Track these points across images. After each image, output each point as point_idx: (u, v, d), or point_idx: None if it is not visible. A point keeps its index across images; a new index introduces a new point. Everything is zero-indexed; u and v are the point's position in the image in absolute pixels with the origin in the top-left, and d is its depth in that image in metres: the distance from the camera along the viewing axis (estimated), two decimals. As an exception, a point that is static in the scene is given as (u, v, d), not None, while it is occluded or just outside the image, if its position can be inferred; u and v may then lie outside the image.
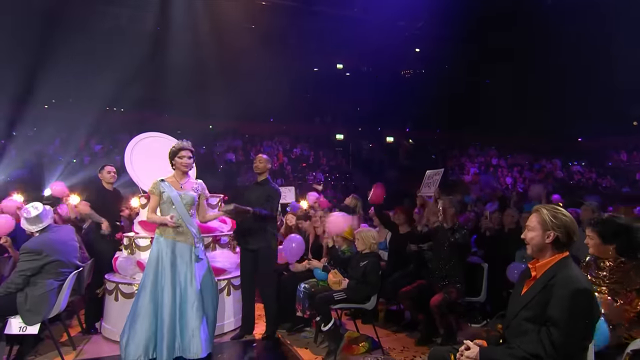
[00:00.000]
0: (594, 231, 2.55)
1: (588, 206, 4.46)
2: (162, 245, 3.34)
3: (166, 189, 3.38)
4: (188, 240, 3.39)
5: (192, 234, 3.40)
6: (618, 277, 2.50)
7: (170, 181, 3.45)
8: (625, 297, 2.46)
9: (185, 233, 3.39)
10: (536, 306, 1.89)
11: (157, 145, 4.95)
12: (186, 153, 3.45)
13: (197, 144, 14.57)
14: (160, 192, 3.39)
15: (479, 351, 1.97)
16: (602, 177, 16.34)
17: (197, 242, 3.43)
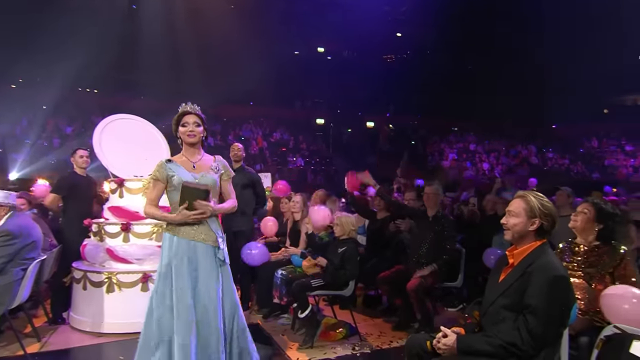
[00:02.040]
0: (592, 206, 2.52)
1: (563, 191, 4.50)
2: (175, 248, 2.43)
3: (176, 170, 2.48)
4: (209, 238, 2.49)
5: (213, 230, 2.51)
6: (592, 262, 2.51)
7: (180, 161, 2.55)
8: (600, 280, 2.46)
9: (205, 229, 2.49)
10: (514, 294, 1.85)
11: (129, 127, 4.73)
12: (191, 118, 2.54)
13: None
14: (167, 176, 2.48)
15: (457, 339, 1.92)
16: (574, 163, 16.78)
17: (221, 241, 2.54)
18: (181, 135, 2.56)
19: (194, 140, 2.55)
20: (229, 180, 2.69)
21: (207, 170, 2.56)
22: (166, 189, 2.53)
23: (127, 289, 3.86)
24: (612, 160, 16.91)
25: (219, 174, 2.60)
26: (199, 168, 2.56)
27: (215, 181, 2.55)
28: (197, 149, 2.61)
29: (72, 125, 13.06)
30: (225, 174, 2.66)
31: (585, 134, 19.40)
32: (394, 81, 18.34)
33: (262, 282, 4.37)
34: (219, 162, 2.65)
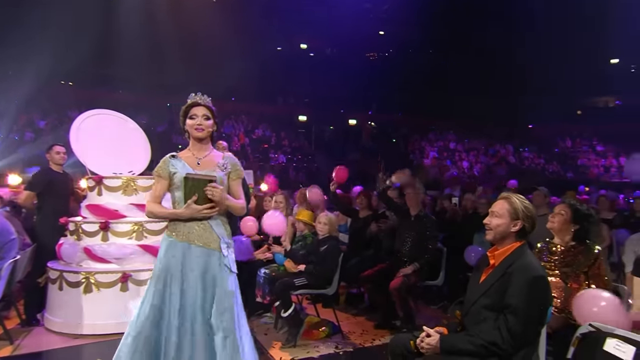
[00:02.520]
0: (568, 207, 2.60)
1: (540, 191, 4.62)
2: (173, 252, 2.23)
3: (178, 167, 2.28)
4: (212, 243, 2.26)
5: (217, 235, 2.28)
6: (568, 261, 2.59)
7: (185, 157, 2.34)
8: (575, 279, 2.55)
9: (207, 233, 2.27)
10: (494, 294, 1.90)
11: (108, 123, 4.61)
12: (200, 110, 2.30)
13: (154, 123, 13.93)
14: (170, 173, 2.29)
15: (439, 338, 1.95)
16: (549, 163, 17.28)
17: (226, 247, 2.29)
18: (188, 129, 2.33)
19: (201, 135, 2.31)
20: (238, 181, 2.40)
21: (212, 168, 2.31)
22: (169, 187, 2.34)
23: (105, 289, 3.77)
24: (585, 160, 17.51)
25: (226, 172, 2.33)
26: (204, 165, 2.32)
27: (221, 179, 2.28)
28: (205, 144, 2.37)
29: (46, 119, 12.62)
30: (235, 173, 2.37)
31: (560, 134, 20.01)
32: (376, 79, 18.44)
33: (244, 281, 4.33)
34: (228, 160, 2.37)
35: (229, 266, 2.27)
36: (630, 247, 3.39)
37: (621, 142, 18.34)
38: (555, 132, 20.12)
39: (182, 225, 2.25)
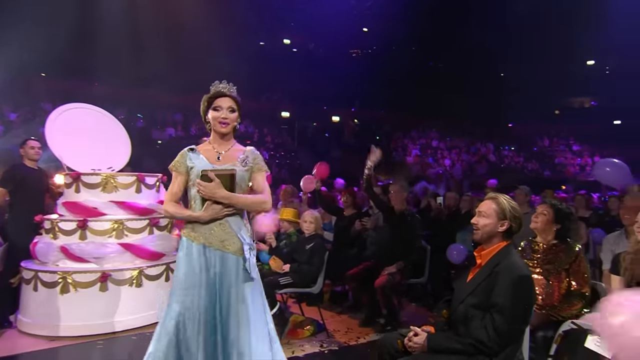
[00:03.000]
0: (550, 207, 2.67)
1: (522, 190, 4.73)
2: (194, 255, 2.06)
3: (196, 162, 2.11)
4: (232, 246, 2.06)
5: (239, 238, 2.08)
6: (550, 259, 2.66)
7: (204, 150, 2.16)
8: (556, 276, 2.62)
9: (227, 234, 2.07)
10: (481, 293, 1.93)
11: (86, 117, 4.48)
12: (226, 102, 2.12)
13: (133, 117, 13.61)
14: (187, 167, 2.12)
15: (427, 337, 1.98)
16: (528, 161, 17.71)
17: (248, 249, 2.10)
18: (211, 121, 2.14)
19: (225, 130, 2.12)
20: (260, 174, 2.20)
21: (233, 163, 2.13)
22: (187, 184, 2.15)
23: (83, 290, 3.67)
24: (562, 159, 18.05)
25: (247, 168, 2.15)
26: (224, 160, 2.14)
27: (243, 177, 2.12)
28: (227, 138, 2.18)
29: (18, 111, 12.16)
30: (257, 167, 2.19)
31: (538, 134, 20.54)
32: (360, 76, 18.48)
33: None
34: (250, 154, 2.19)
35: (249, 271, 2.06)
36: (607, 245, 3.50)
37: (596, 142, 18.97)
38: (534, 132, 20.65)
39: (200, 226, 2.07)
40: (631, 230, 3.26)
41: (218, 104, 2.12)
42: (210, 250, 2.06)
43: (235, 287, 2.05)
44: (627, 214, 3.27)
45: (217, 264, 2.05)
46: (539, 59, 17.85)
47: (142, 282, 3.86)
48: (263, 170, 2.22)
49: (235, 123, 2.17)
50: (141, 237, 3.97)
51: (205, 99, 2.17)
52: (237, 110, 2.16)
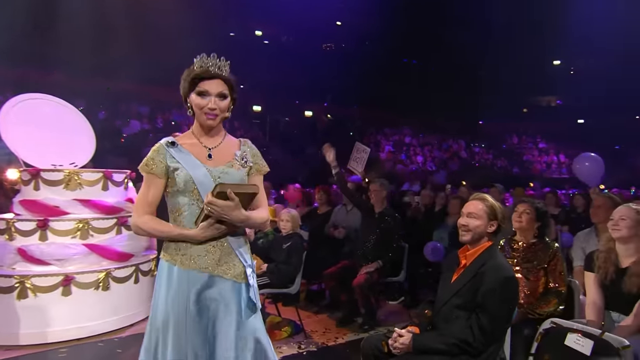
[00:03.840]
0: (531, 206, 2.76)
1: (496, 188, 4.89)
2: (176, 284, 1.61)
3: (182, 160, 1.64)
4: (232, 270, 1.66)
5: (239, 256, 1.68)
6: (529, 257, 2.76)
7: (189, 144, 1.70)
8: (535, 275, 2.71)
9: (224, 254, 1.65)
10: (467, 293, 1.97)
11: (45, 109, 4.25)
12: (215, 86, 1.66)
13: (95, 108, 13.03)
14: (168, 168, 1.65)
15: (412, 338, 2.00)
16: (497, 158, 18.33)
17: (251, 273, 1.70)
18: (195, 108, 1.67)
19: (213, 124, 1.68)
20: (259, 178, 1.79)
21: (229, 162, 1.69)
22: (165, 190, 1.67)
23: (44, 294, 3.49)
24: (529, 157, 18.82)
25: (246, 168, 1.73)
26: (217, 158, 1.69)
27: (242, 181, 1.70)
28: (217, 129, 1.74)
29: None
30: (256, 168, 1.77)
31: (507, 131, 21.29)
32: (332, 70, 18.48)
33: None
34: (248, 150, 1.77)
35: (254, 300, 1.67)
36: (578, 243, 3.66)
37: (561, 140, 19.89)
38: (503, 129, 21.38)
39: (189, 246, 1.61)
40: (600, 228, 3.44)
41: (204, 88, 1.65)
42: (203, 278, 1.60)
43: (242, 326, 1.61)
44: (596, 212, 3.44)
45: (213, 294, 1.60)
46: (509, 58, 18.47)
47: (109, 285, 3.71)
48: (262, 173, 1.80)
49: (227, 114, 1.70)
50: (108, 238, 3.81)
51: (186, 77, 1.68)
52: (229, 95, 1.69)
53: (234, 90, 1.73)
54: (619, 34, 15.02)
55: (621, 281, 2.27)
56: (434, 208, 5.42)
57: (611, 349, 1.81)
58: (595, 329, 1.95)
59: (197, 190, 1.62)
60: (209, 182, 1.62)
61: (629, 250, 2.28)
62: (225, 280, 1.64)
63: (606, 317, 2.34)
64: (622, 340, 1.82)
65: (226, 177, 1.66)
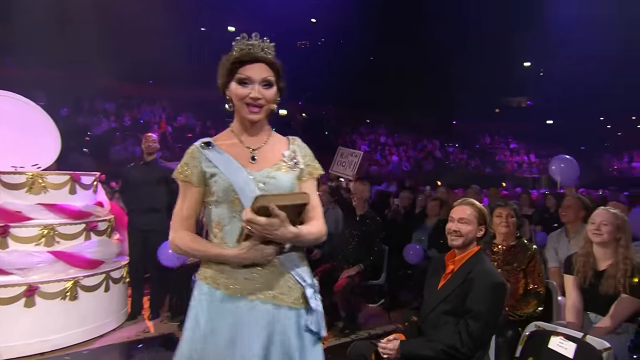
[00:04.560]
0: (512, 209, 2.84)
1: (473, 189, 5.00)
2: (221, 312, 1.36)
3: (220, 165, 1.40)
4: (289, 294, 1.39)
5: (294, 276, 1.41)
6: (509, 260, 2.83)
7: (230, 145, 1.46)
8: (514, 277, 2.79)
9: (280, 279, 1.39)
10: (455, 299, 2.00)
11: (5, 106, 4.01)
12: (259, 71, 1.41)
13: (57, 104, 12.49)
14: (205, 174, 1.42)
15: (400, 344, 2.01)
16: (471, 158, 18.81)
17: (312, 294, 1.43)
18: (235, 100, 1.42)
19: (256, 118, 1.41)
20: (311, 183, 1.51)
21: (276, 164, 1.44)
22: (204, 200, 1.43)
23: (4, 307, 3.31)
24: (501, 156, 19.43)
25: (296, 171, 1.47)
26: (262, 160, 1.44)
27: (291, 186, 1.43)
28: (260, 125, 1.47)
29: None
30: (308, 170, 1.50)
31: (480, 131, 21.90)
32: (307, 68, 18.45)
33: (177, 287, 4.13)
34: (298, 149, 1.51)
35: (316, 330, 1.40)
36: (551, 243, 3.78)
37: (532, 140, 20.64)
38: (476, 129, 21.98)
39: (232, 268, 1.36)
40: (570, 228, 3.59)
41: (245, 75, 1.39)
42: (252, 305, 1.34)
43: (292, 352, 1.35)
44: (566, 212, 3.57)
45: (263, 323, 1.33)
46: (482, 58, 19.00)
47: (77, 294, 3.56)
48: (316, 175, 1.52)
49: (273, 105, 1.44)
50: (76, 244, 3.65)
51: (224, 62, 1.43)
52: (275, 82, 1.43)
53: (280, 78, 1.44)
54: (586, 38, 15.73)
55: (599, 283, 2.36)
56: (413, 210, 5.49)
57: (593, 352, 1.87)
58: (577, 332, 2.02)
59: (238, 200, 1.35)
60: (252, 189, 1.36)
61: (606, 253, 2.37)
62: (279, 307, 1.36)
63: (584, 318, 2.43)
64: (603, 343, 1.89)
65: (272, 183, 1.39)
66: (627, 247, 2.29)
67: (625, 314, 2.24)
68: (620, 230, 2.32)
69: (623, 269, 2.25)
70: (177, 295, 4.13)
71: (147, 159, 4.20)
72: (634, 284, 2.22)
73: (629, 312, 2.24)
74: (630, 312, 2.24)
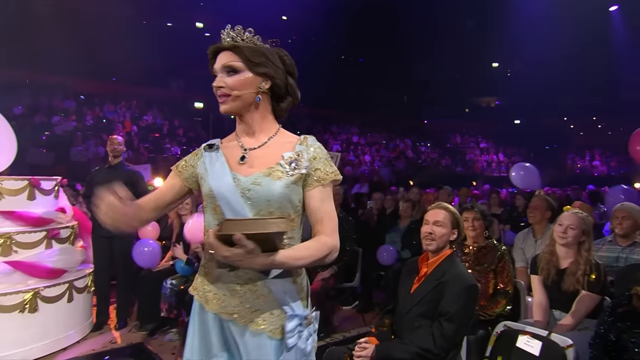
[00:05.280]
0: (479, 213, 2.96)
1: (445, 190, 5.14)
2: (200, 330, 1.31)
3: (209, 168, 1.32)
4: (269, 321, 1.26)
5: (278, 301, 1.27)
6: (480, 260, 2.94)
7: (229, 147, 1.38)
8: (485, 277, 2.90)
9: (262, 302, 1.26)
10: (429, 302, 2.06)
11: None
12: (221, 60, 1.34)
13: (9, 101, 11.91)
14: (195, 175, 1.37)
15: (375, 348, 2.06)
16: (442, 158, 19.28)
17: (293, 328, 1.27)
18: None
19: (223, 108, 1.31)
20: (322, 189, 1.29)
21: (269, 169, 1.27)
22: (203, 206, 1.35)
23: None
24: (472, 155, 20.01)
25: (295, 177, 1.27)
26: (255, 162, 1.29)
27: (283, 195, 1.24)
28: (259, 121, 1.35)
29: None
30: (317, 176, 1.29)
31: (451, 130, 22.48)
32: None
33: (145, 294, 4.05)
34: (305, 150, 1.31)
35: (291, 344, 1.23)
36: (518, 243, 3.95)
37: (500, 140, 21.36)
38: (447, 128, 22.54)
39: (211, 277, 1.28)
40: (537, 229, 3.76)
41: (213, 68, 1.34)
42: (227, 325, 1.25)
43: None
44: (533, 213, 3.74)
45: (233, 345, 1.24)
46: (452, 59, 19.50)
47: (37, 306, 3.42)
48: (327, 182, 1.29)
49: (245, 92, 1.29)
50: (36, 253, 3.51)
51: None
52: (247, 68, 1.30)
53: (252, 62, 1.29)
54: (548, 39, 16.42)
55: (561, 281, 2.49)
56: (386, 211, 5.59)
57: (557, 349, 1.98)
58: (542, 330, 2.13)
59: (219, 208, 1.25)
60: (234, 196, 1.23)
61: (568, 253, 2.51)
62: (257, 334, 1.22)
63: (550, 315, 2.56)
64: (566, 340, 2.00)
65: (258, 191, 1.23)
66: (589, 250, 2.44)
67: (585, 310, 2.38)
68: (584, 234, 2.46)
69: (583, 269, 2.40)
70: (146, 302, 4.03)
71: (113, 162, 4.10)
72: (591, 280, 2.37)
73: (588, 308, 2.38)
74: (589, 308, 2.38)
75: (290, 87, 1.39)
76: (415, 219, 4.80)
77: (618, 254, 3.05)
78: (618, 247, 3.08)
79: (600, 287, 2.37)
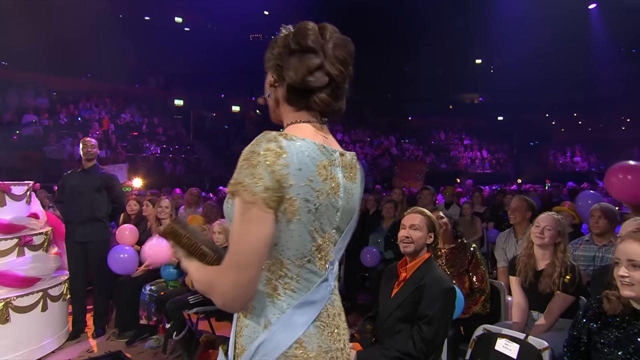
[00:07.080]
0: (446, 217, 3.02)
1: (429, 190, 5.21)
2: None
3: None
4: None
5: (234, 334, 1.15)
6: (452, 261, 3.02)
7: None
8: (459, 278, 2.97)
9: None
10: (408, 306, 2.10)
11: None
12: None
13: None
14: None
15: (356, 354, 2.09)
16: (427, 154, 19.48)
17: None
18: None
19: None
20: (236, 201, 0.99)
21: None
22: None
23: None
24: (456, 152, 20.27)
25: None
26: None
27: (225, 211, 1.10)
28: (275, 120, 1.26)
29: None
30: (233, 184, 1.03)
31: (435, 127, 22.72)
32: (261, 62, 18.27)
33: (123, 301, 4.00)
34: None
35: None
36: (499, 244, 4.04)
37: (484, 136, 21.69)
38: (431, 125, 22.79)
39: None
40: (518, 229, 3.85)
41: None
42: None
43: None
44: (513, 214, 3.83)
45: None
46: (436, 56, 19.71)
47: (9, 316, 3.35)
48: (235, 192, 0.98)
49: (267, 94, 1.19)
50: (7, 261, 3.44)
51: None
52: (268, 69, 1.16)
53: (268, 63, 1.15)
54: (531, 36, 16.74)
55: (538, 282, 2.57)
56: (369, 212, 5.63)
57: (534, 351, 2.05)
58: (520, 333, 2.19)
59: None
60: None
61: (545, 254, 2.59)
62: None
63: (528, 316, 2.63)
64: (542, 342, 2.07)
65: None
66: (564, 252, 2.52)
67: (559, 311, 2.46)
68: (560, 235, 2.54)
69: (559, 270, 2.47)
70: (125, 309, 3.99)
71: (86, 166, 4.02)
72: (566, 281, 2.45)
73: (562, 308, 2.46)
74: (562, 309, 2.46)
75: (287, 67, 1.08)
76: (398, 220, 4.85)
77: (594, 254, 3.15)
78: (595, 247, 3.18)
79: (575, 288, 2.45)
